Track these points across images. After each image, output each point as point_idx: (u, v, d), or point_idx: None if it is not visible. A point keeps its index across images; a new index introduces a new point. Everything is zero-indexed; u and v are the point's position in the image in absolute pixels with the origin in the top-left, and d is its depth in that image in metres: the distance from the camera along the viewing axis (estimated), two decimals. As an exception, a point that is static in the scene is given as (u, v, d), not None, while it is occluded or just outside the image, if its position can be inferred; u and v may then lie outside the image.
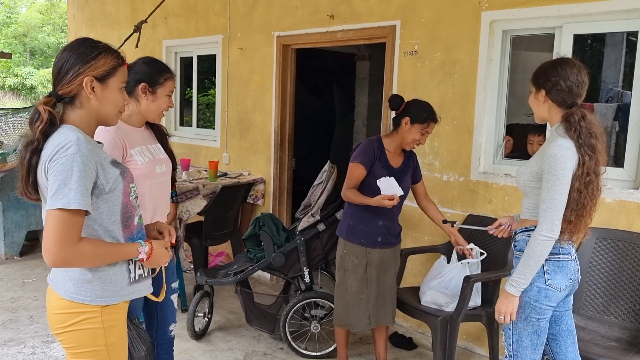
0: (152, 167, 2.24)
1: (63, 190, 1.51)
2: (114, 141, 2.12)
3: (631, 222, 2.97)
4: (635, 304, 2.78)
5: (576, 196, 2.02)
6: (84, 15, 6.93)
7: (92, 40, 1.71)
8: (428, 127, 2.92)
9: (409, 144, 2.96)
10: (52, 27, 25.50)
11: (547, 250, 2.04)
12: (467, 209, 3.62)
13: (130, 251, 1.71)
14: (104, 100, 1.68)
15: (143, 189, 2.20)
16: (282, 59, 4.71)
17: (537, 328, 2.13)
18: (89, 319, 1.66)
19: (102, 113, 1.69)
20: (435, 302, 3.03)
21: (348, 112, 6.86)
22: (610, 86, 4.88)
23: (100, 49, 1.68)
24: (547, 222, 2.02)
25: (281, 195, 4.90)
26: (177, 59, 5.90)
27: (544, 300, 2.09)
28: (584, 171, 2.01)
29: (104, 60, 1.66)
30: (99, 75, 1.65)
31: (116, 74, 1.69)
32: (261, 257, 3.54)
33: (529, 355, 2.16)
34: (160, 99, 2.28)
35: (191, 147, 5.64)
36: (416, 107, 2.93)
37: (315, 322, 3.51)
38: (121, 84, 1.72)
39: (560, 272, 2.10)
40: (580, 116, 2.04)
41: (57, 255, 1.53)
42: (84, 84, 1.63)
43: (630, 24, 3.00)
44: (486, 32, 3.46)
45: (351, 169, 2.96)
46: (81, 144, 1.55)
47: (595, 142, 2.03)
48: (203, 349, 3.59)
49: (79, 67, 1.62)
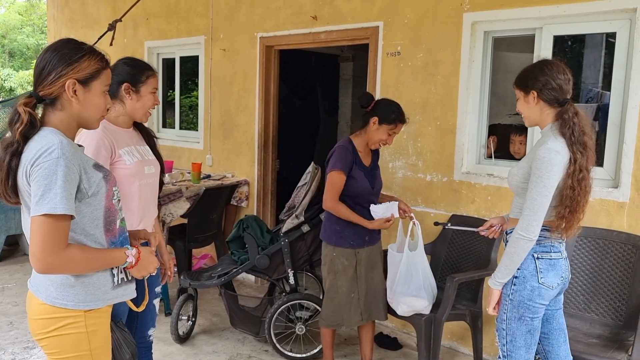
0: (141, 167, 2.23)
1: (48, 195, 1.48)
2: (102, 141, 2.11)
3: (611, 220, 3.02)
4: (615, 301, 2.82)
5: (569, 193, 2.05)
6: (64, 16, 6.84)
7: (76, 41, 1.68)
8: (396, 127, 2.93)
9: (375, 144, 2.96)
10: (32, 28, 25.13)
11: (523, 249, 2.07)
12: (450, 209, 3.64)
13: (118, 256, 1.68)
14: (86, 103, 1.64)
15: (132, 189, 2.18)
16: (266, 60, 4.70)
17: (531, 327, 2.15)
18: (72, 324, 1.63)
19: (83, 116, 1.66)
20: (414, 309, 2.95)
21: (332, 113, 6.86)
22: (590, 87, 4.95)
23: (85, 51, 1.64)
24: (524, 221, 2.06)
25: (265, 197, 4.88)
26: (159, 60, 5.85)
27: (538, 299, 2.12)
28: (576, 168, 2.04)
29: (87, 62, 1.63)
30: (81, 78, 1.61)
31: (100, 77, 1.66)
32: (245, 259, 3.52)
33: (522, 354, 2.17)
34: (145, 97, 2.27)
35: (174, 149, 5.59)
36: (385, 107, 2.92)
37: (300, 323, 3.50)
38: (104, 87, 1.69)
39: (552, 270, 2.13)
40: (573, 112, 2.08)
41: (45, 261, 1.50)
42: (66, 87, 1.59)
43: (609, 25, 3.05)
44: (468, 33, 3.49)
45: (333, 177, 2.90)
46: (64, 148, 1.53)
47: (586, 139, 2.06)
48: (187, 352, 3.56)
49: (61, 68, 1.59)
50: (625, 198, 2.97)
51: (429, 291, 2.95)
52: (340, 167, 2.89)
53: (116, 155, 2.15)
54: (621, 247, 2.87)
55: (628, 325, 2.71)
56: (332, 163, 2.92)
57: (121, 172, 2.15)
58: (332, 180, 2.90)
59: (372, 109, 2.93)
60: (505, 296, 2.18)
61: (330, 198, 2.91)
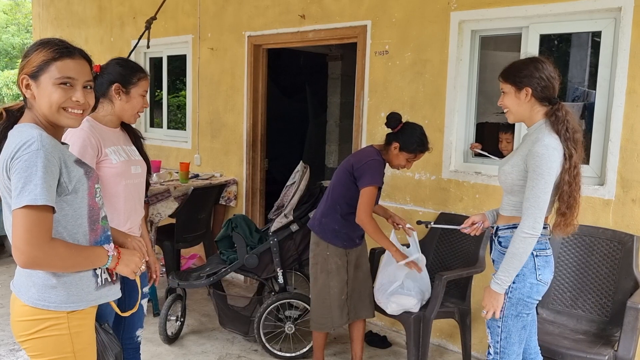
0: (127, 166, 2.21)
1: (28, 187, 1.46)
2: (89, 139, 2.09)
3: (597, 217, 3.04)
4: (601, 297, 2.84)
5: (567, 189, 2.07)
6: (50, 14, 6.77)
7: (48, 38, 1.64)
8: (416, 157, 2.94)
9: (394, 167, 2.99)
10: (17, 27, 24.83)
11: (530, 247, 2.07)
12: (439, 208, 3.65)
13: (100, 255, 1.65)
14: (39, 97, 1.59)
15: (118, 189, 2.17)
16: (254, 59, 4.68)
17: (525, 323, 2.18)
18: (54, 326, 1.61)
19: (42, 111, 1.59)
20: (404, 308, 2.96)
21: (320, 112, 6.86)
22: (577, 86, 5.00)
23: (36, 47, 1.60)
24: (529, 219, 2.05)
25: (254, 196, 4.87)
26: (147, 59, 5.80)
27: (535, 295, 2.15)
28: (572, 164, 2.06)
29: (36, 55, 1.58)
30: (30, 73, 1.58)
31: (48, 69, 1.57)
32: (234, 258, 3.51)
33: (515, 350, 2.20)
34: (135, 99, 2.25)
35: (162, 148, 5.56)
36: (409, 134, 2.89)
37: (290, 322, 3.50)
38: (56, 79, 1.58)
39: (547, 267, 2.16)
40: (565, 110, 2.10)
41: (29, 254, 1.47)
42: (20, 82, 1.59)
43: (594, 24, 3.07)
44: (455, 32, 3.50)
45: (371, 192, 2.85)
46: (44, 140, 1.51)
47: (578, 136, 2.09)
48: (176, 353, 3.54)
49: (19, 66, 1.60)
50: (611, 195, 3.00)
51: (421, 291, 2.97)
52: (379, 182, 2.89)
53: (102, 154, 2.14)
54: (607, 243, 2.90)
55: (614, 321, 2.74)
56: (370, 177, 2.86)
57: (107, 171, 2.13)
58: (368, 195, 2.86)
59: (397, 132, 2.91)
60: None
61: (366, 213, 2.87)
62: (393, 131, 2.93)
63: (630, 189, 2.94)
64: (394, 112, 2.97)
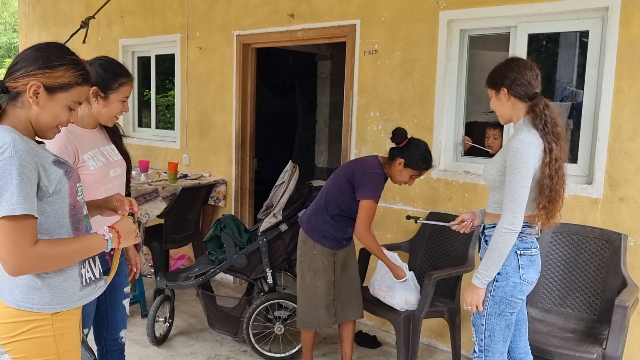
0: (106, 171, 2.15)
1: (4, 196, 1.42)
2: (65, 147, 2.01)
3: (585, 216, 3.06)
4: (589, 296, 2.85)
5: (548, 182, 2.07)
6: (36, 13, 6.69)
7: (66, 50, 1.61)
8: (420, 174, 2.93)
9: (396, 182, 2.97)
10: (4, 26, 24.57)
11: (510, 242, 2.08)
12: (428, 207, 3.65)
13: (96, 242, 1.61)
14: (45, 110, 1.56)
15: (97, 194, 2.09)
16: (242, 58, 4.65)
17: (509, 322, 2.18)
18: (38, 328, 1.58)
19: (39, 122, 1.58)
20: (408, 302, 2.97)
21: (310, 112, 6.85)
22: (565, 85, 5.02)
23: (65, 62, 1.57)
24: (508, 215, 2.06)
25: (243, 196, 4.84)
26: (134, 58, 5.75)
27: (519, 295, 2.15)
28: (552, 158, 2.07)
29: (62, 73, 1.56)
30: (48, 85, 1.55)
31: (69, 91, 1.58)
32: (223, 259, 3.48)
33: (499, 348, 2.20)
34: (113, 104, 2.16)
35: (150, 148, 5.51)
36: (414, 151, 2.88)
37: (279, 323, 3.48)
38: (71, 102, 1.60)
39: (532, 265, 2.16)
40: (544, 105, 2.11)
41: (15, 264, 1.45)
42: (28, 87, 1.53)
43: (582, 23, 3.09)
44: (444, 31, 3.51)
45: (370, 206, 2.84)
46: (17, 145, 1.46)
47: (559, 130, 2.10)
48: (164, 354, 3.50)
49: (32, 69, 1.53)
50: (599, 194, 3.01)
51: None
52: (378, 197, 2.88)
53: (79, 161, 2.06)
54: (595, 242, 2.91)
55: (602, 319, 2.75)
56: (370, 190, 2.85)
57: (86, 178, 2.05)
58: (368, 209, 2.85)
59: (402, 148, 2.89)
60: (486, 293, 2.18)
61: (366, 227, 2.86)
62: (398, 146, 2.91)
63: (618, 188, 2.96)
64: (400, 127, 2.96)
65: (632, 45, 2.87)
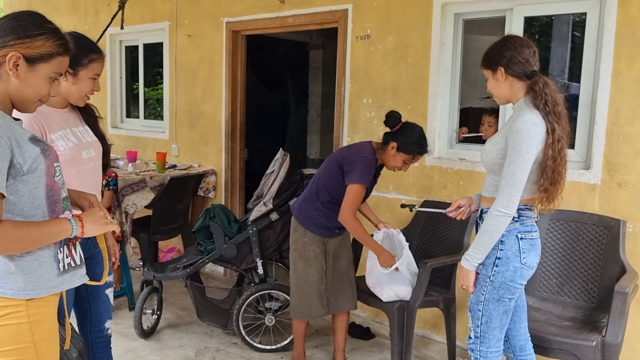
0: (77, 152, 2.03)
1: None
2: (30, 125, 1.89)
3: (582, 202, 2.99)
4: (587, 283, 2.79)
5: (551, 164, 2.01)
6: (22, 2, 6.53)
7: (42, 18, 1.53)
8: (414, 158, 2.83)
9: (390, 168, 2.88)
10: (-9, 20, 24.26)
11: (503, 226, 2.02)
12: (422, 195, 3.57)
13: (61, 228, 1.52)
14: (26, 82, 1.49)
15: (69, 177, 1.96)
16: (232, 45, 4.55)
17: (508, 308, 2.13)
18: (11, 314, 1.48)
19: (19, 95, 1.50)
20: (398, 295, 2.89)
21: (302, 102, 6.75)
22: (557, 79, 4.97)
23: (44, 30, 1.50)
24: (503, 197, 2.00)
25: (233, 187, 4.75)
26: (122, 47, 5.63)
27: (519, 280, 2.09)
28: (555, 138, 2.00)
29: (42, 42, 1.49)
30: (28, 55, 1.47)
31: (50, 61, 1.51)
32: (212, 249, 3.39)
33: (496, 335, 2.15)
34: (83, 82, 2.04)
35: (138, 139, 5.40)
36: (408, 135, 2.78)
37: (270, 314, 3.40)
38: (53, 73, 1.54)
39: (533, 250, 2.11)
40: (543, 83, 2.04)
41: None
42: (7, 58, 1.45)
43: (579, 5, 3.01)
44: (438, 15, 3.42)
45: (357, 191, 2.74)
46: None
47: (560, 109, 2.03)
48: (152, 347, 3.41)
49: (10, 39, 1.45)
50: (597, 180, 2.95)
51: (413, 276, 2.90)
52: (366, 182, 2.77)
53: (48, 141, 1.94)
54: (593, 228, 2.84)
55: (601, 306, 2.69)
56: (358, 175, 2.75)
57: None
58: (355, 193, 2.75)
59: (395, 132, 2.80)
60: (484, 277, 2.11)
61: (351, 212, 2.76)
62: (391, 130, 2.82)
63: (616, 173, 2.89)
64: (394, 110, 2.87)
65: (630, 26, 2.81)
